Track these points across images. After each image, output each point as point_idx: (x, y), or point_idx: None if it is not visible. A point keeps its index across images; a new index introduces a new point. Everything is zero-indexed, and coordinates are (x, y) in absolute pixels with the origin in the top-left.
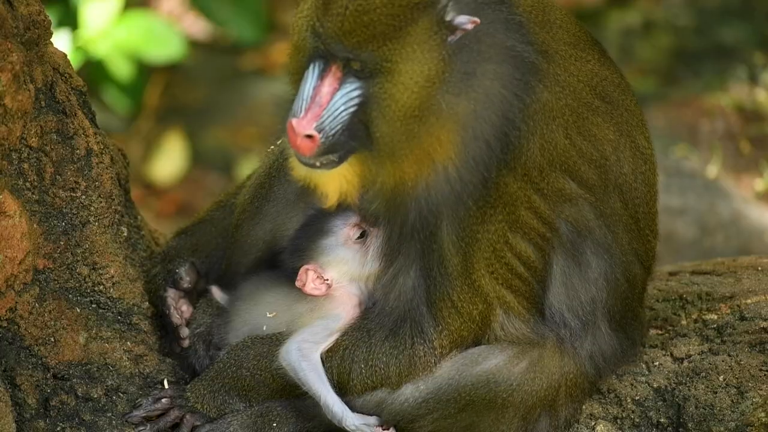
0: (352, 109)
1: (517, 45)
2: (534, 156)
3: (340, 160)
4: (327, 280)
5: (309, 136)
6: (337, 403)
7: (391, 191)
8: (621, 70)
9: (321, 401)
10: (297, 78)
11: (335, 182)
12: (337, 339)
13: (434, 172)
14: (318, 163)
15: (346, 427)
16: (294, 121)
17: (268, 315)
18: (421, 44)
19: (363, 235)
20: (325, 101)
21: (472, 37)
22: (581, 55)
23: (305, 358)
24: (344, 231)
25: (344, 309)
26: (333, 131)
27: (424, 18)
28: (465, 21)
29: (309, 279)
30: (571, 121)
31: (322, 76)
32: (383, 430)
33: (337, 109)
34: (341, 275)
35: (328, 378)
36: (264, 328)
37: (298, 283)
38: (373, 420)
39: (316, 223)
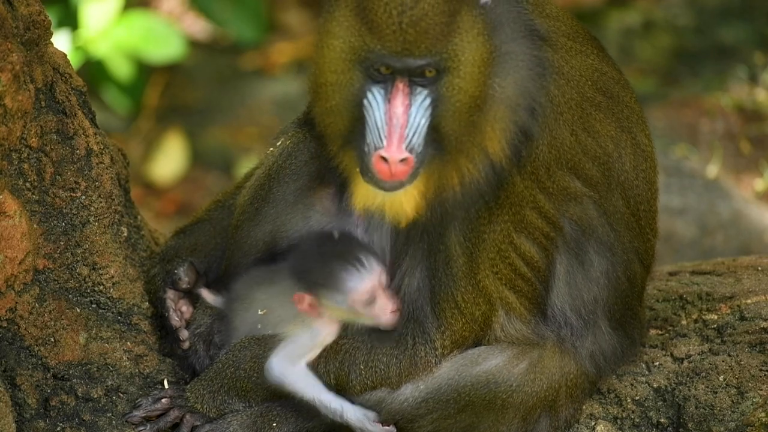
0: (429, 119)
1: (528, 20)
2: (543, 153)
3: (421, 171)
4: (320, 311)
5: (403, 160)
6: (334, 399)
7: (439, 193)
8: (619, 67)
9: (318, 404)
10: (346, 113)
11: (411, 199)
12: (338, 341)
13: (483, 168)
14: (407, 181)
15: (348, 420)
16: (382, 152)
17: (260, 312)
18: (471, 30)
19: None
20: (404, 121)
21: (498, 17)
22: (581, 49)
23: (288, 371)
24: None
25: (328, 327)
26: (420, 146)
27: (464, 6)
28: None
29: (304, 303)
30: (576, 117)
31: (389, 98)
32: (383, 426)
33: (417, 124)
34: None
35: (320, 379)
36: (259, 327)
37: (295, 297)
38: (372, 414)
39: (325, 249)
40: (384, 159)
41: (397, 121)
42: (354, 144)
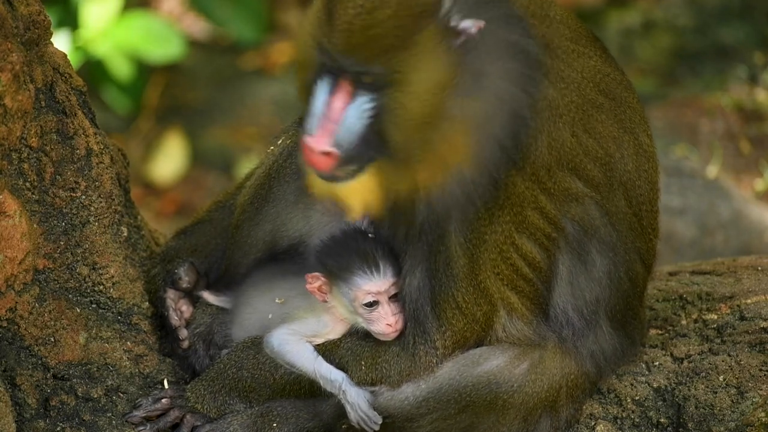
0: (366, 122)
1: (521, 39)
2: (542, 155)
3: (360, 170)
4: (326, 297)
5: (326, 153)
6: (333, 370)
7: (406, 196)
8: (622, 68)
9: (317, 375)
10: (306, 94)
11: (358, 193)
12: (338, 340)
13: (449, 175)
14: (338, 175)
15: (346, 392)
16: (309, 139)
17: (277, 300)
18: (429, 52)
19: (372, 304)
20: (338, 117)
21: (477, 36)
22: (583, 51)
23: (288, 341)
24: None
25: (335, 322)
26: (349, 145)
27: (430, 26)
28: (470, 25)
29: (315, 284)
30: (577, 119)
31: (332, 92)
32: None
33: (351, 124)
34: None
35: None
36: (270, 316)
37: (308, 276)
38: (371, 397)
39: (353, 243)
40: (309, 147)
41: (332, 116)
42: None
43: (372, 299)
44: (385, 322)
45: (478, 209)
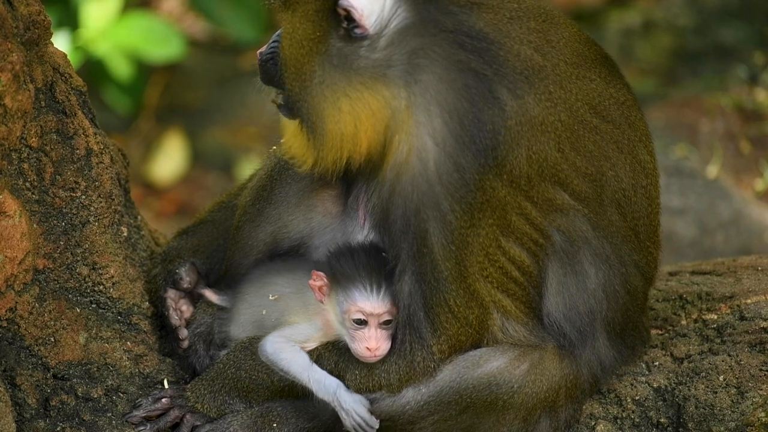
0: (275, 44)
1: (472, 60)
2: (520, 165)
3: (285, 109)
4: (323, 299)
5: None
6: (328, 376)
7: (332, 169)
8: (629, 85)
9: (311, 382)
10: None
11: (288, 133)
12: (334, 346)
13: (386, 166)
14: (273, 96)
15: (340, 400)
16: None
17: (270, 297)
18: (305, 4)
19: (360, 323)
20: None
21: (403, 33)
22: (585, 74)
23: (282, 348)
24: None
25: (327, 325)
26: (263, 56)
27: None
28: (352, 6)
29: (317, 282)
30: (565, 136)
31: None
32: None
33: (273, 40)
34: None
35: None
36: (263, 312)
37: (314, 272)
38: (366, 402)
39: (365, 258)
40: None
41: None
42: None
43: (362, 318)
44: (365, 344)
45: (454, 211)
